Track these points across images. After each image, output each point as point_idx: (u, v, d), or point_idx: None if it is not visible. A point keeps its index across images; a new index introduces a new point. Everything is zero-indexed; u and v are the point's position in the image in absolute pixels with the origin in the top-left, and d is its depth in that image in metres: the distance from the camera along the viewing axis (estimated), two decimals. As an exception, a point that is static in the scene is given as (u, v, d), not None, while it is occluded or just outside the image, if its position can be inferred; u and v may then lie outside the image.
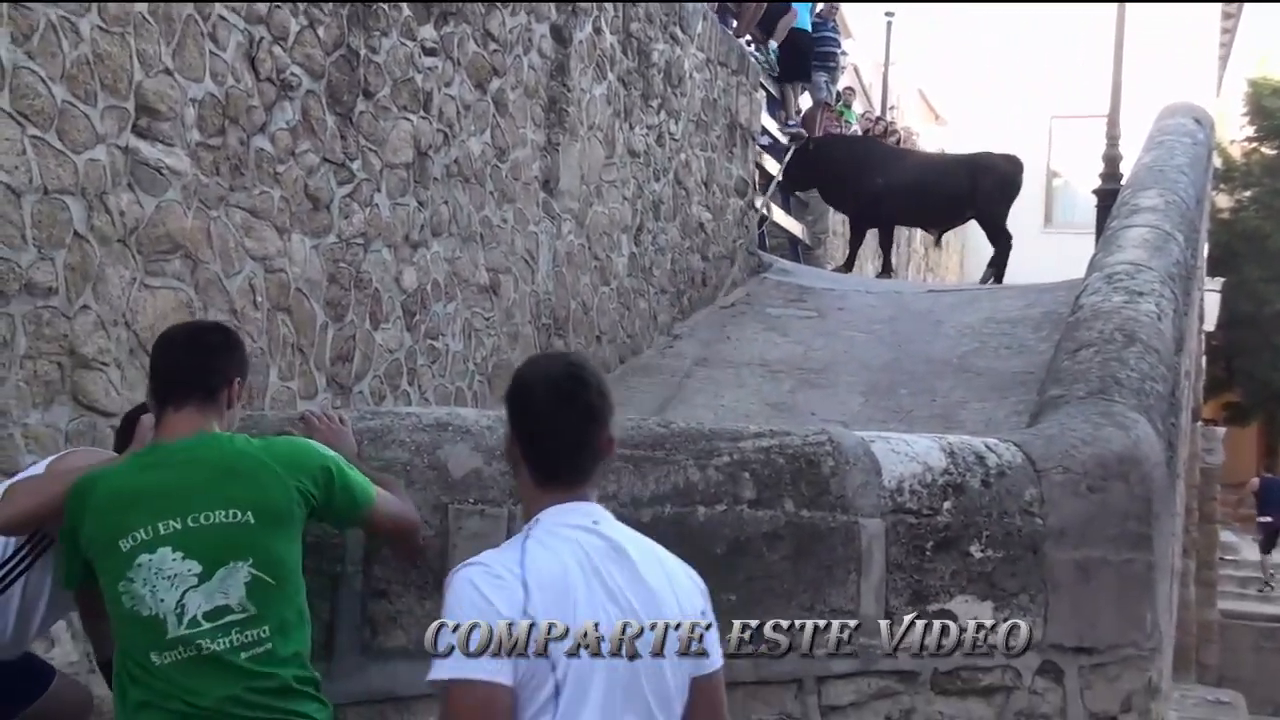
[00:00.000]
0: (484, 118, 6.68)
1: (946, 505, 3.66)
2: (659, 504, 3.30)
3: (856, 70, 20.82)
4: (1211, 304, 16.73)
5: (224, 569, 2.44)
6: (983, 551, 3.67)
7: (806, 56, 12.98)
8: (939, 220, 13.50)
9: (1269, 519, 19.48)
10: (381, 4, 5.72)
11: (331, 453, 2.66)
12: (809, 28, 13.01)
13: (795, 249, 13.44)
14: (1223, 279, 20.32)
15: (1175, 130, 9.18)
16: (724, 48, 10.30)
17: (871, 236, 13.72)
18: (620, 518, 3.37)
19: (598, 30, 7.95)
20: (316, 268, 5.37)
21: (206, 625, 2.42)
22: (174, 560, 2.43)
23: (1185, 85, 19.08)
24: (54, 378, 4.03)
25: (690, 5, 9.52)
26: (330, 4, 5.35)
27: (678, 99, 9.31)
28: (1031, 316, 8.85)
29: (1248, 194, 26.40)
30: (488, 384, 6.71)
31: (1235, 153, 27.28)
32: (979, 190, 12.13)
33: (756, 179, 11.40)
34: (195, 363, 2.64)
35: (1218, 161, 20.40)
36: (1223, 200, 25.39)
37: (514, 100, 6.99)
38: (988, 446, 3.85)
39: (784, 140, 12.60)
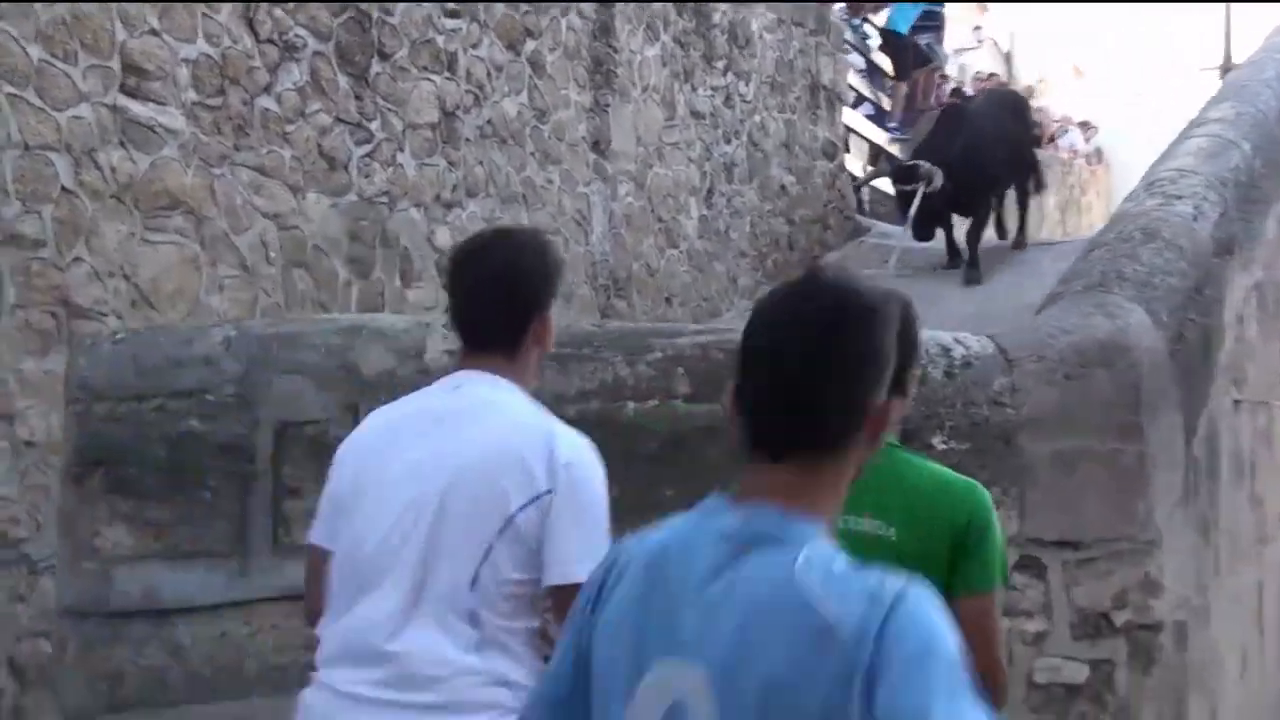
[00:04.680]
0: (519, 79, 6.71)
1: None
2: (584, 400, 3.24)
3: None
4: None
5: None
6: (945, 443, 3.51)
7: (902, 56, 12.61)
8: None
9: None
10: (393, -34, 5.79)
11: None
12: (903, 31, 12.65)
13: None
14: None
15: (1274, 47, 8.71)
16: (798, 6, 10.15)
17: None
18: None
19: (647, -10, 7.91)
20: (336, 226, 5.46)
21: None
22: None
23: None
24: (48, 326, 4.18)
25: (756, -35, 9.41)
26: (334, -33, 5.44)
27: (746, 60, 9.21)
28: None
29: None
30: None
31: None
32: None
33: (848, 142, 11.20)
34: None
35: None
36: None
37: (552, 61, 7.00)
38: (956, 339, 3.70)
39: (886, 131, 12.14)
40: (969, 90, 14.78)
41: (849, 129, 11.26)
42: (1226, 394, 4.88)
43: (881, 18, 13.11)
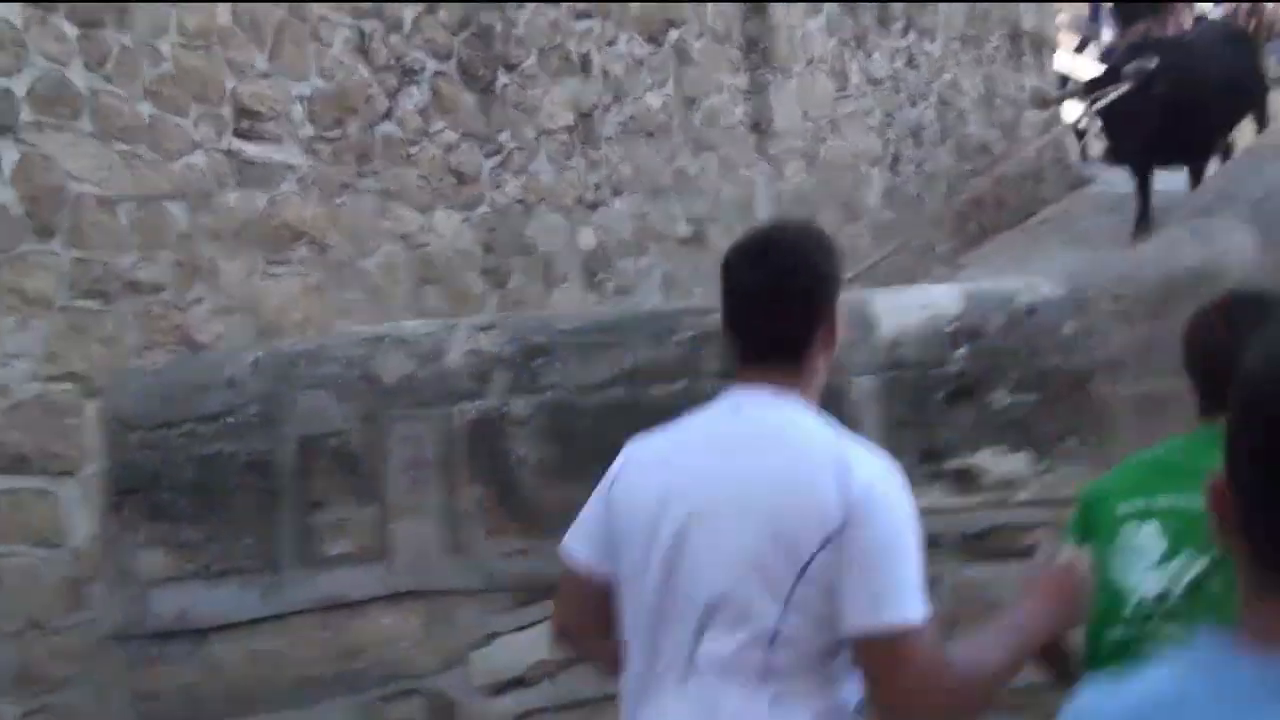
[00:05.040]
0: (661, 70, 6.70)
1: (959, 353, 3.33)
2: (607, 388, 3.22)
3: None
4: None
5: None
6: (1012, 396, 3.31)
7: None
8: None
9: None
10: (512, -22, 5.89)
11: None
12: None
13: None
14: None
15: None
16: (987, -45, 9.72)
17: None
18: (565, 407, 3.35)
19: (802, -40, 7.75)
20: (468, 239, 5.60)
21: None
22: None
23: None
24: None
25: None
26: (447, -13, 5.59)
27: (929, 16, 8.88)
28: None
29: None
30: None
31: None
32: None
33: (1068, 85, 10.63)
34: None
35: None
36: None
37: (700, 48, 6.96)
38: (1026, 284, 3.47)
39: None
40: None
41: (1063, 77, 10.69)
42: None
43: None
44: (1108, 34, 11.46)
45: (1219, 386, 2.42)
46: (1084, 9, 12.53)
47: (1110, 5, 11.74)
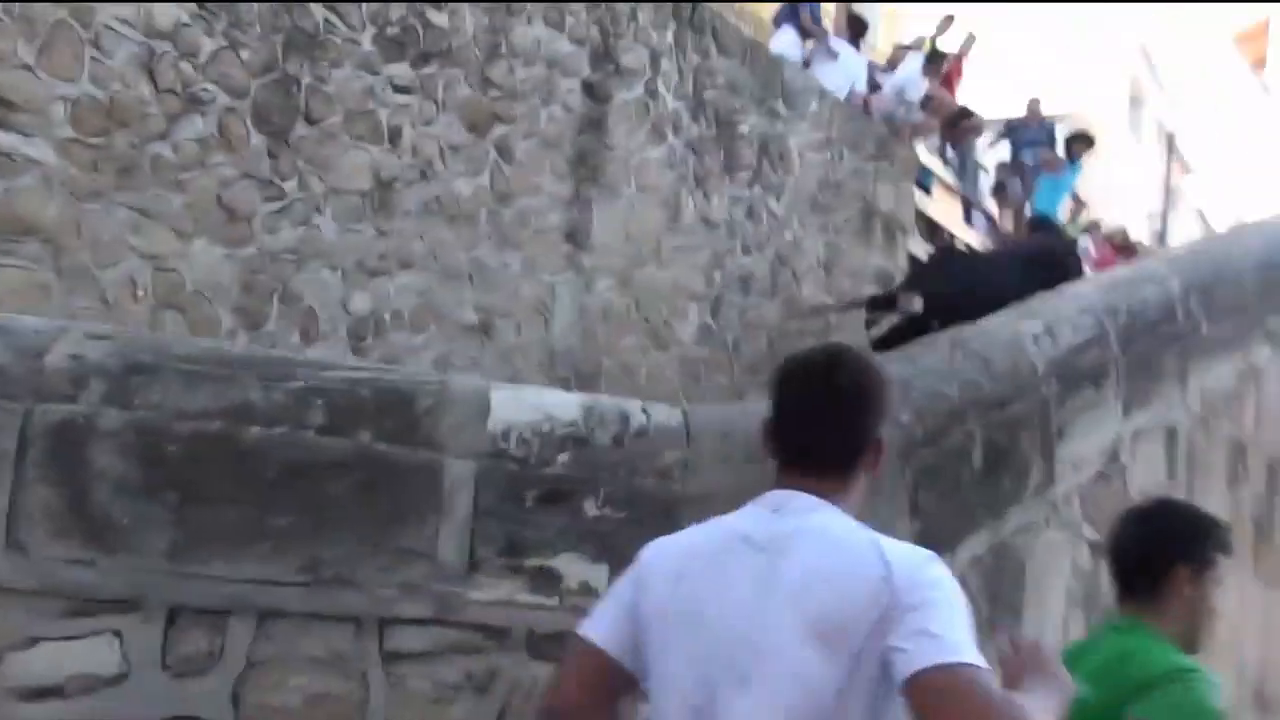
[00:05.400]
0: (477, 161, 6.78)
1: (562, 457, 3.35)
2: (201, 419, 3.18)
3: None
4: None
5: None
6: (600, 509, 3.32)
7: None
8: None
9: None
10: (331, 38, 5.97)
11: None
12: (1054, 217, 11.88)
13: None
14: None
15: None
16: (853, 129, 10.03)
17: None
18: (156, 429, 3.29)
19: (652, 93, 7.94)
20: (226, 274, 5.57)
21: None
22: None
23: None
24: None
25: (801, 83, 9.37)
26: (257, 30, 5.64)
27: (777, 175, 9.12)
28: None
29: None
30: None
31: None
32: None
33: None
34: None
35: None
36: None
37: (524, 148, 7.07)
38: (644, 408, 3.54)
39: None
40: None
41: (913, 257, 10.97)
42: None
43: (993, 153, 12.84)
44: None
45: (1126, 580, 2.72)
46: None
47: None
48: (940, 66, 11.65)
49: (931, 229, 11.44)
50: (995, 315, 4.87)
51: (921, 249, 11.01)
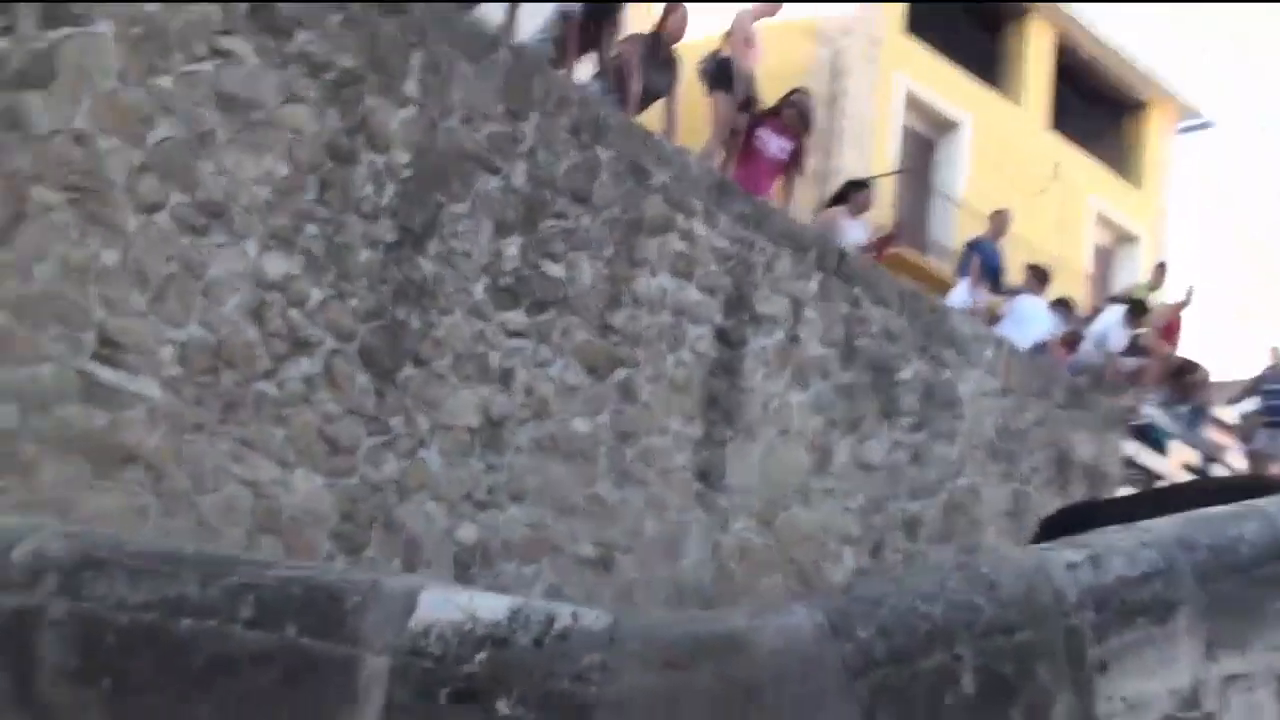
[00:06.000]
0: (597, 400, 7.04)
1: (480, 656, 3.44)
2: (139, 611, 3.47)
3: None
4: None
5: None
6: (512, 709, 3.38)
7: None
8: None
9: None
10: (441, 288, 6.47)
11: None
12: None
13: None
14: None
15: None
16: (1038, 377, 9.80)
17: None
18: (97, 620, 3.63)
19: (794, 339, 8.09)
20: (325, 503, 5.95)
21: None
22: None
23: None
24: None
25: (970, 330, 9.33)
26: (365, 282, 6.20)
27: (944, 420, 8.98)
28: None
29: None
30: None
31: None
32: None
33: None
34: None
35: None
36: None
37: (650, 390, 7.30)
38: (574, 612, 3.59)
39: None
40: None
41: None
42: None
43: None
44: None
45: None
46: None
47: None
48: (1142, 317, 11.31)
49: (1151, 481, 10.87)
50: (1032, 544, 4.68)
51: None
